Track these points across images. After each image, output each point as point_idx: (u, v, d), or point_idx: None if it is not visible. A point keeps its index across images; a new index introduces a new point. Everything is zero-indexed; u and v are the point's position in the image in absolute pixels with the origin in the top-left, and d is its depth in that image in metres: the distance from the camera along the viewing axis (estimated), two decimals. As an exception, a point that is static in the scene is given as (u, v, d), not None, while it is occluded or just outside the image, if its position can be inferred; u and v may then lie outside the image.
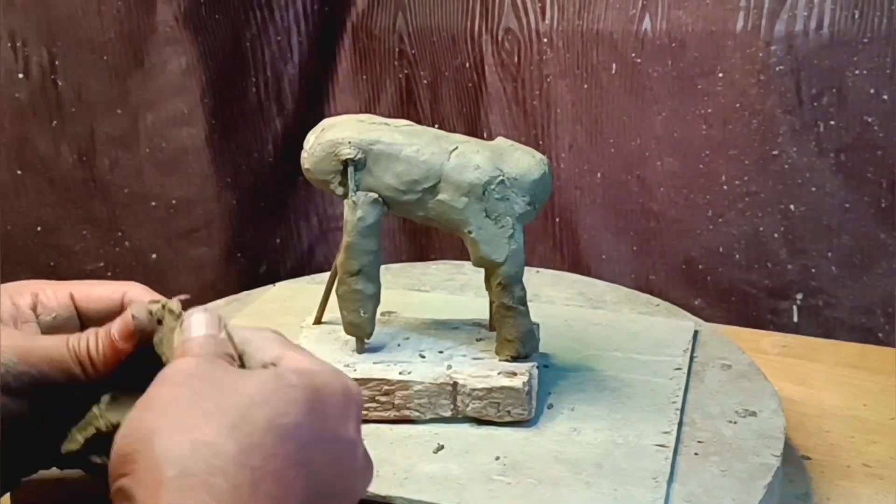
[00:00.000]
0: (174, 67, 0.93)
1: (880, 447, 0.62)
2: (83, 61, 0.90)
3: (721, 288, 0.92)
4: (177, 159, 0.96)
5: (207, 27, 0.94)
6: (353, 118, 0.55)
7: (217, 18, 0.95)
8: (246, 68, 1.00)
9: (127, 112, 0.93)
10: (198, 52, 0.93)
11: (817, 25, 0.80)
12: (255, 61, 1.00)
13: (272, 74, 1.02)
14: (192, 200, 0.97)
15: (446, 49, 0.99)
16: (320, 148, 0.53)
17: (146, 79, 0.93)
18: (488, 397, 0.53)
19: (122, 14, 0.90)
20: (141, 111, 0.93)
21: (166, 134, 0.95)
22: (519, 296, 0.55)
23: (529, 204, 0.54)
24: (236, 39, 0.98)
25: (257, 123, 1.02)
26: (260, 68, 1.01)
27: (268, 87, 1.02)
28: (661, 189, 0.92)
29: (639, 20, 0.88)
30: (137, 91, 0.93)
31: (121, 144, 0.94)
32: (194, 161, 0.96)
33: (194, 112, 0.95)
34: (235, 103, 0.99)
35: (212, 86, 0.95)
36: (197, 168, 0.97)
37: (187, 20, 0.92)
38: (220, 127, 0.97)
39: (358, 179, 0.53)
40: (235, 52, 0.98)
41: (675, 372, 0.59)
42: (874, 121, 0.81)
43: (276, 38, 1.01)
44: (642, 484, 0.48)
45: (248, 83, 1.00)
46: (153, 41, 0.92)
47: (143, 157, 0.95)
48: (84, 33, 0.89)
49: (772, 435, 0.53)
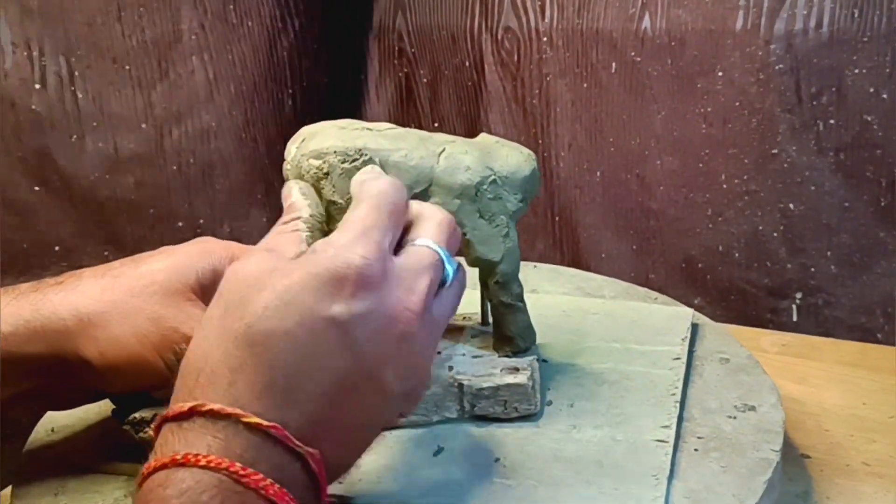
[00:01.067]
0: (201, 78, 0.89)
1: (880, 445, 0.62)
2: (104, 71, 0.86)
3: (720, 287, 0.92)
4: (204, 176, 0.91)
5: (237, 35, 0.90)
6: (335, 125, 0.53)
7: (248, 25, 0.91)
8: (281, 79, 0.95)
9: (151, 126, 0.89)
10: (226, 61, 0.89)
11: (817, 24, 0.80)
12: (291, 70, 0.95)
13: (309, 84, 0.97)
14: (220, 220, 0.93)
15: (446, 48, 0.99)
16: (304, 158, 0.52)
17: (172, 90, 0.88)
18: (495, 396, 0.53)
19: (145, 21, 0.86)
20: (167, 125, 0.89)
21: (194, 149, 0.90)
22: (517, 292, 0.55)
23: (521, 200, 0.54)
24: (271, 48, 0.93)
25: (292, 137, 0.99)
26: (296, 79, 0.96)
27: (304, 98, 0.97)
28: (660, 188, 0.92)
29: (638, 19, 0.88)
30: (163, 104, 0.88)
31: (145, 161, 0.89)
32: (222, 178, 0.92)
33: (223, 125, 0.90)
34: (269, 116, 0.95)
35: (242, 98, 0.91)
36: (225, 185, 0.92)
37: (214, 27, 0.88)
38: (252, 141, 0.93)
39: None
40: (270, 62, 0.94)
41: (673, 362, 0.59)
42: (874, 120, 0.81)
43: (314, 46, 0.97)
44: (642, 481, 0.48)
45: (285, 95, 0.96)
46: (178, 50, 0.88)
47: (169, 174, 0.90)
48: (104, 41, 0.85)
49: (771, 429, 0.53)
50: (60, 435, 0.55)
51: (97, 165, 0.88)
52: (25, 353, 0.47)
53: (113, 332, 0.47)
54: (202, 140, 0.90)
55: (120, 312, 0.48)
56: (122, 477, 0.51)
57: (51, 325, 0.47)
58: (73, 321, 0.47)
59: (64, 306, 0.48)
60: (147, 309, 0.48)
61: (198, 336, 0.39)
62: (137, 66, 0.86)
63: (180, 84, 0.88)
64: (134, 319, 0.48)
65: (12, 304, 0.48)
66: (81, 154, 0.87)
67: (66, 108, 0.85)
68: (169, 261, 0.50)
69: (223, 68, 0.89)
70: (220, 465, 0.35)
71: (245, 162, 0.93)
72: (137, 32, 0.86)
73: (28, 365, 0.48)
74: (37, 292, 0.48)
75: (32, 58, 0.83)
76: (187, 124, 0.90)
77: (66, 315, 0.47)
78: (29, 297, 0.48)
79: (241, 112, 0.92)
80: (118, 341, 0.47)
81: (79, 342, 0.47)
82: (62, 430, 0.56)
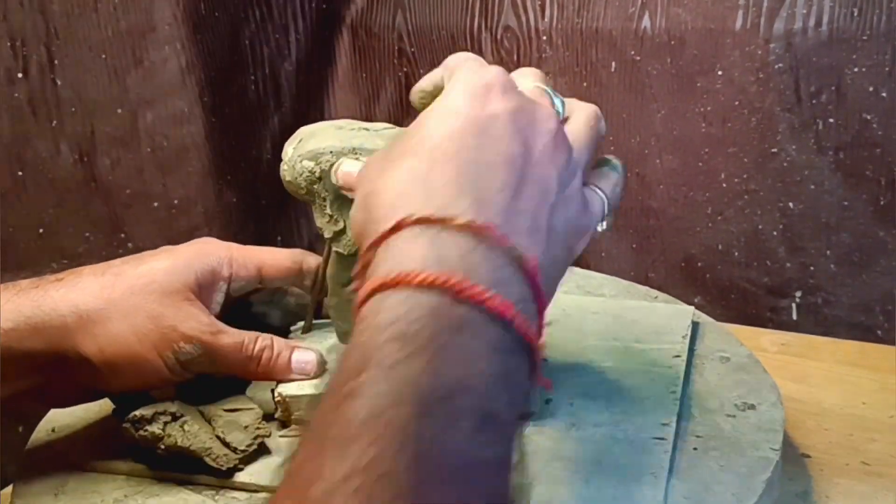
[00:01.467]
0: (173, 66, 0.92)
1: (879, 445, 0.62)
2: (82, 60, 0.89)
3: (720, 286, 0.92)
4: (178, 158, 0.95)
5: (207, 25, 0.94)
6: (332, 125, 0.53)
7: (216, 16, 0.95)
8: (244, 66, 1.00)
9: (127, 111, 0.92)
10: (197, 49, 0.93)
11: (816, 23, 0.80)
12: (253, 59, 1.00)
13: (270, 72, 1.01)
14: (193, 199, 0.96)
15: (446, 47, 0.99)
16: (299, 160, 0.51)
17: (146, 77, 0.92)
18: None
19: (120, 12, 0.89)
20: (141, 110, 0.93)
21: (167, 133, 0.94)
22: None
23: None
24: (235, 37, 0.98)
25: (256, 121, 1.02)
26: (259, 66, 1.00)
27: (266, 84, 1.01)
28: (660, 187, 0.92)
29: (638, 18, 0.88)
30: (137, 90, 0.92)
31: (121, 144, 0.93)
32: (195, 159, 0.96)
33: (194, 110, 0.94)
34: (235, 101, 0.99)
35: (211, 84, 0.95)
36: (197, 166, 0.96)
37: (186, 18, 0.92)
38: (220, 125, 0.97)
39: None
40: (235, 50, 0.98)
41: (673, 360, 0.59)
42: (873, 118, 0.81)
43: (275, 36, 1.01)
44: (642, 480, 0.48)
45: (248, 81, 1.00)
46: (152, 39, 0.91)
47: (144, 156, 0.94)
48: (82, 31, 0.89)
49: (771, 428, 0.53)
50: (60, 435, 0.56)
51: (76, 149, 0.91)
52: (25, 350, 0.47)
53: (112, 330, 0.48)
54: (174, 124, 0.94)
55: (119, 310, 0.48)
56: (122, 477, 0.51)
57: (51, 322, 0.48)
58: (72, 318, 0.48)
59: (64, 303, 0.48)
60: (146, 307, 0.48)
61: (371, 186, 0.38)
62: (113, 55, 0.90)
63: (154, 72, 0.92)
64: (133, 317, 0.48)
65: (13, 300, 0.48)
66: (61, 138, 0.90)
67: (46, 95, 0.89)
68: (169, 261, 0.51)
69: (193, 56, 0.93)
70: (436, 281, 0.32)
71: (216, 144, 0.97)
72: (113, 22, 0.89)
73: (28, 361, 0.48)
74: (37, 289, 0.49)
75: (16, 48, 0.86)
76: (160, 109, 0.93)
77: (65, 312, 0.48)
78: (29, 293, 0.49)
79: (210, 97, 0.95)
80: (117, 339, 0.48)
81: (78, 339, 0.48)
82: (62, 430, 0.56)
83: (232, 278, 0.53)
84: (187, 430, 0.49)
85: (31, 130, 0.89)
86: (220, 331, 0.50)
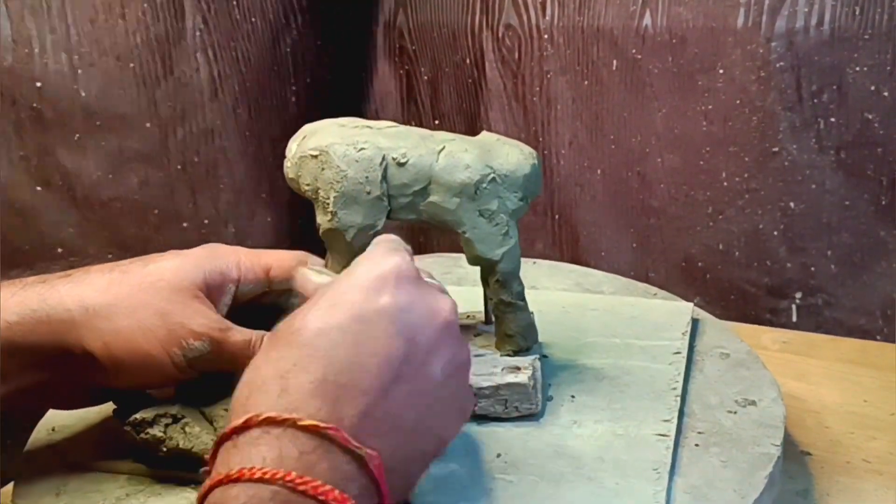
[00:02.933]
0: (205, 76, 0.88)
1: (880, 443, 0.62)
2: (107, 69, 0.84)
3: (720, 286, 0.92)
4: (209, 175, 0.90)
5: (242, 32, 0.90)
6: (335, 123, 0.54)
7: (253, 22, 0.90)
8: (285, 76, 0.95)
9: (156, 125, 0.87)
10: (230, 58, 0.89)
11: (818, 22, 0.80)
12: (295, 68, 0.95)
13: (312, 81, 0.97)
14: (224, 219, 0.92)
15: (446, 45, 0.99)
16: (302, 155, 0.52)
17: (176, 89, 0.87)
18: (495, 395, 0.52)
19: (148, 18, 0.84)
20: (171, 124, 0.88)
21: (198, 148, 0.89)
22: (517, 291, 0.55)
23: (522, 199, 0.53)
24: (274, 45, 0.93)
25: None
26: (300, 75, 0.96)
27: (308, 95, 0.97)
28: (660, 186, 0.92)
29: (639, 16, 0.88)
30: (167, 102, 0.87)
31: (149, 160, 0.88)
32: (226, 177, 0.91)
33: (227, 124, 0.90)
34: (273, 114, 0.94)
35: (246, 95, 0.91)
36: (229, 184, 0.91)
37: (218, 24, 0.88)
38: (256, 139, 0.93)
39: None
40: (273, 59, 0.93)
41: (674, 357, 0.59)
42: (874, 118, 0.81)
43: (317, 43, 0.96)
44: (643, 476, 0.48)
45: (288, 92, 0.95)
46: (182, 48, 0.87)
47: (173, 173, 0.89)
48: (108, 39, 0.83)
49: (772, 424, 0.53)
50: (61, 435, 0.55)
51: (100, 165, 0.86)
52: (30, 343, 0.47)
53: (118, 325, 0.47)
54: (206, 139, 0.89)
55: (126, 306, 0.48)
56: (123, 477, 0.51)
57: (56, 316, 0.47)
58: (78, 312, 0.47)
59: (70, 297, 0.48)
60: (154, 304, 0.48)
61: (250, 371, 0.39)
62: (141, 64, 0.85)
63: (184, 82, 0.87)
64: (140, 313, 0.48)
65: (19, 293, 0.48)
66: (84, 153, 0.85)
67: (68, 106, 0.84)
68: (177, 260, 0.51)
69: (227, 66, 0.89)
70: (274, 477, 0.34)
71: (249, 161, 0.92)
72: (141, 30, 0.84)
73: (32, 356, 0.47)
74: (44, 283, 0.49)
75: (34, 55, 0.82)
76: (191, 123, 0.89)
77: (72, 306, 0.47)
78: (36, 287, 0.48)
79: (245, 110, 0.91)
80: (123, 334, 0.47)
81: (83, 333, 0.47)
82: (62, 430, 0.56)
83: (241, 281, 0.52)
84: (189, 433, 0.49)
85: (51, 144, 0.84)
86: (229, 328, 0.50)
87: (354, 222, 0.52)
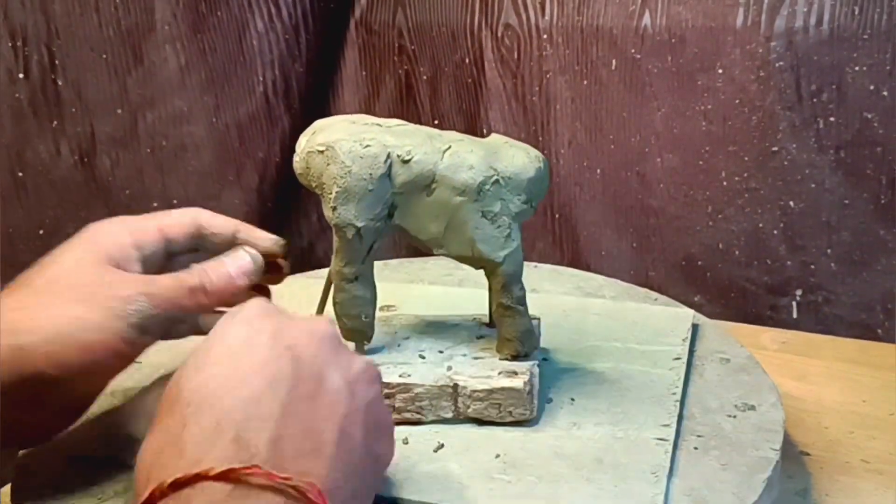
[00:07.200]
0: (174, 65, 0.93)
1: (880, 443, 0.62)
2: (82, 60, 0.89)
3: (720, 284, 0.92)
4: (177, 158, 0.95)
5: (208, 24, 0.94)
6: (346, 119, 0.54)
7: (219, 15, 0.95)
8: (251, 66, 0.99)
9: (127, 111, 0.92)
10: (197, 49, 0.93)
11: (817, 21, 0.80)
12: (262, 59, 0.99)
13: (280, 73, 1.01)
14: (192, 200, 0.96)
15: (446, 45, 0.99)
16: (310, 150, 0.52)
17: (146, 77, 0.92)
18: (489, 398, 0.52)
19: (120, 12, 0.89)
20: (141, 110, 0.93)
21: (167, 133, 0.94)
22: (518, 295, 0.54)
23: (526, 202, 0.53)
24: (240, 37, 0.98)
25: (264, 123, 1.01)
26: (268, 66, 1.00)
27: (276, 85, 1.01)
28: (660, 185, 0.92)
29: (638, 16, 0.88)
30: (137, 90, 0.92)
31: (121, 144, 0.93)
32: (194, 160, 0.96)
33: (194, 110, 0.94)
34: (240, 102, 0.99)
35: (212, 83, 0.95)
36: (197, 166, 0.96)
37: (186, 17, 0.92)
38: (222, 125, 0.97)
39: None
40: (239, 50, 0.98)
41: (674, 362, 0.59)
42: (874, 117, 0.81)
43: (285, 37, 1.00)
44: (642, 478, 0.48)
45: (255, 81, 1.00)
46: (152, 39, 0.91)
47: (143, 156, 0.94)
48: (82, 31, 0.89)
49: (771, 429, 0.53)
50: (61, 432, 0.55)
51: (76, 149, 0.92)
52: None
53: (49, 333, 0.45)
54: (174, 124, 0.94)
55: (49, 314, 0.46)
56: (123, 474, 0.51)
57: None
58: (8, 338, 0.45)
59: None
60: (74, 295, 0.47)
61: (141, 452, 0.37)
62: (114, 55, 0.90)
63: (154, 71, 0.93)
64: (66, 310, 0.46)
65: None
66: (61, 138, 0.91)
67: (47, 95, 0.89)
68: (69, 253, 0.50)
69: (194, 56, 0.93)
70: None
71: (216, 145, 0.97)
72: (113, 22, 0.89)
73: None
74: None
75: (17, 48, 0.86)
76: (160, 109, 0.94)
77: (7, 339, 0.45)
78: None
79: (212, 98, 0.95)
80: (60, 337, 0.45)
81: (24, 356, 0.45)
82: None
83: (138, 245, 0.51)
84: None
85: (31, 131, 0.90)
86: (153, 279, 0.49)
87: (356, 218, 0.52)
